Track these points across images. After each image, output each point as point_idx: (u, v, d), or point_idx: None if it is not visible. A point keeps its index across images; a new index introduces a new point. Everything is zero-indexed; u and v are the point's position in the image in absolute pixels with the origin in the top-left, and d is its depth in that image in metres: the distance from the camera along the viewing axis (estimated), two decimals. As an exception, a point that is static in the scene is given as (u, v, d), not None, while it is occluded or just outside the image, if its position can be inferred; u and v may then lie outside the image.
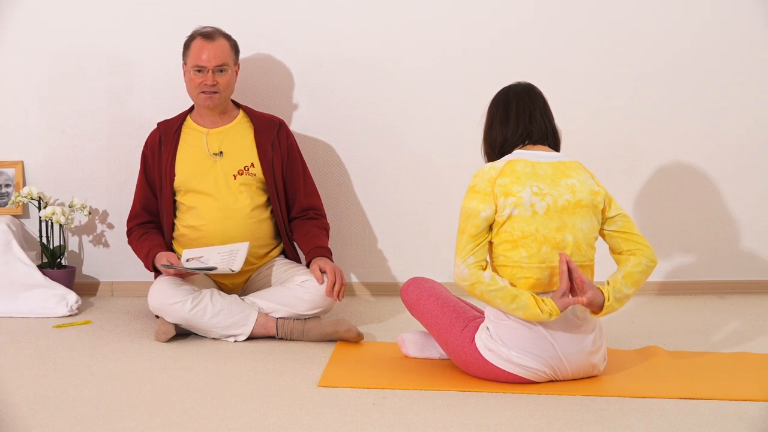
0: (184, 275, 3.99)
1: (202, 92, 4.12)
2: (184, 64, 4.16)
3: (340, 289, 3.97)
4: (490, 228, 3.36)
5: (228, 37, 4.17)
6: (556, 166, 3.40)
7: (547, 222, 3.33)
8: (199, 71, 4.10)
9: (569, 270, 3.29)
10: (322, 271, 4.00)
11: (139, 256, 4.19)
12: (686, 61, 4.66)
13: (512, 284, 3.33)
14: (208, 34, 4.12)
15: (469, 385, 3.40)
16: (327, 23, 4.60)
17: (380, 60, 4.63)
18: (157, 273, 4.08)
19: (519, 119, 3.41)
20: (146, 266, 4.15)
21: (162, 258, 4.00)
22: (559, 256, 3.31)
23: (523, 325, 3.35)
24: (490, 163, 3.41)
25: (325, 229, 4.24)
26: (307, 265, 4.09)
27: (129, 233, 4.26)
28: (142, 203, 4.23)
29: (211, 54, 4.09)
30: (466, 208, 3.36)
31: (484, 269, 3.32)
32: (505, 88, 3.50)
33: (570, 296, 3.30)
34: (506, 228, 3.35)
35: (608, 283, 3.39)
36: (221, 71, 4.12)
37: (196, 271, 3.93)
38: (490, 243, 3.38)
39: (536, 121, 3.42)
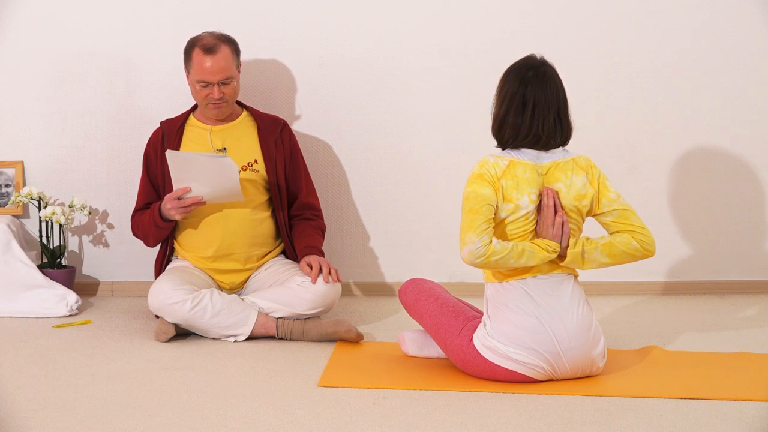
0: (188, 205, 3.96)
1: (210, 104, 4.11)
2: (187, 72, 4.14)
3: (329, 272, 3.97)
4: None
5: (228, 42, 4.12)
6: (551, 169, 3.41)
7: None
8: (205, 86, 4.09)
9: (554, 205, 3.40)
10: (309, 266, 4.00)
11: (145, 223, 4.11)
12: (686, 61, 4.66)
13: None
14: (210, 48, 4.06)
15: (469, 385, 3.40)
16: (327, 23, 4.60)
17: (380, 60, 4.63)
18: (166, 222, 4.03)
19: (533, 123, 3.39)
20: (157, 222, 4.07)
21: (167, 197, 3.98)
22: (544, 190, 3.38)
23: (520, 317, 3.36)
24: (494, 157, 3.41)
25: (321, 229, 4.25)
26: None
27: (132, 218, 4.24)
28: (145, 200, 4.23)
29: (215, 68, 4.06)
30: (478, 193, 3.36)
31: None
32: (525, 70, 3.43)
33: (553, 227, 3.38)
34: (500, 227, 3.41)
35: (587, 238, 3.41)
36: (226, 84, 4.10)
37: (204, 159, 3.87)
38: None
39: (548, 126, 3.40)
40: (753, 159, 4.72)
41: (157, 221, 4.07)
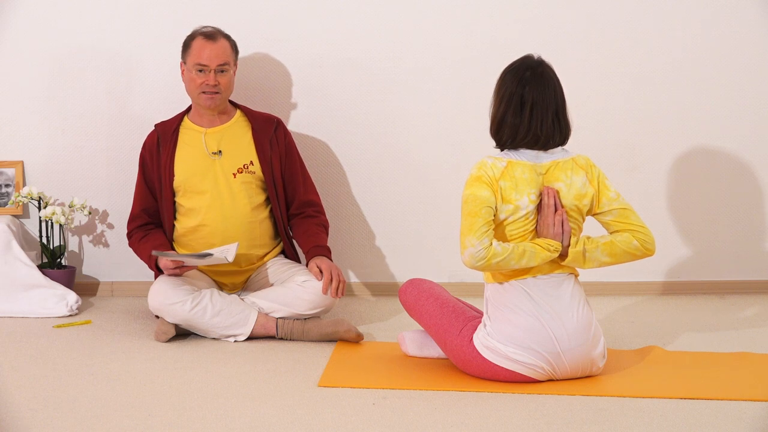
0: (183, 270, 3.98)
1: (203, 92, 4.11)
2: (184, 63, 4.16)
3: (338, 287, 3.98)
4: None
5: (228, 38, 4.17)
6: (550, 168, 3.41)
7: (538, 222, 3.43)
8: (200, 71, 4.10)
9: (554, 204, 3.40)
10: (320, 270, 4.01)
11: (141, 258, 4.20)
12: (686, 61, 4.66)
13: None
14: (210, 34, 4.12)
15: (469, 385, 3.40)
16: (326, 23, 4.60)
17: (379, 60, 4.63)
18: (160, 272, 4.08)
19: (531, 124, 3.39)
20: (150, 267, 4.15)
21: (163, 264, 4.00)
22: (545, 189, 3.38)
23: (520, 317, 3.36)
24: (492, 159, 3.41)
25: (324, 226, 4.24)
26: (307, 264, 4.10)
27: (129, 236, 4.25)
28: (141, 205, 4.23)
29: (213, 53, 4.09)
30: (476, 195, 3.35)
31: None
32: (523, 71, 3.42)
33: (554, 226, 3.38)
34: (500, 228, 3.41)
35: (588, 237, 3.41)
36: (222, 71, 4.11)
37: (192, 260, 3.92)
38: None
39: (547, 126, 3.39)
40: (753, 159, 4.72)
41: (153, 268, 4.10)
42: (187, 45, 4.15)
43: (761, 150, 4.72)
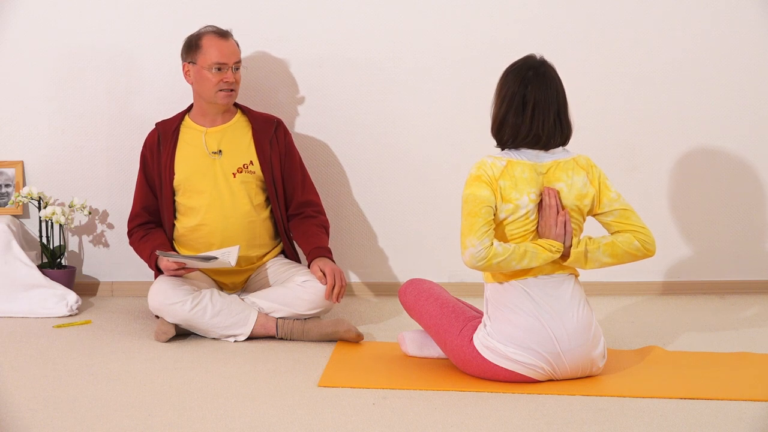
0: (184, 271, 3.98)
1: (221, 90, 4.11)
2: (192, 63, 4.14)
3: (339, 292, 3.97)
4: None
5: (233, 37, 4.18)
6: (551, 168, 3.41)
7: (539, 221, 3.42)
8: (219, 69, 4.09)
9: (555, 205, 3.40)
10: (323, 273, 4.00)
11: (141, 258, 4.20)
12: (686, 61, 4.66)
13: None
14: (223, 33, 4.12)
15: (469, 385, 3.40)
16: (326, 23, 4.60)
17: (379, 60, 4.63)
18: (160, 272, 4.07)
19: (533, 124, 3.39)
20: (150, 267, 4.15)
21: (163, 258, 4.00)
22: (545, 190, 3.38)
23: (520, 317, 3.36)
24: (491, 158, 3.41)
25: (325, 227, 4.24)
26: (309, 266, 4.09)
27: (130, 235, 4.25)
28: (142, 204, 4.23)
29: (230, 50, 4.10)
30: (476, 195, 3.35)
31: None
32: (525, 70, 3.42)
33: (556, 226, 3.37)
34: (500, 228, 3.40)
35: (589, 238, 3.41)
36: (238, 68, 4.13)
37: (195, 262, 3.93)
38: None
39: (548, 126, 3.39)
40: (753, 159, 4.72)
41: (153, 268, 4.10)
42: (196, 45, 4.13)
43: (761, 150, 4.72)
